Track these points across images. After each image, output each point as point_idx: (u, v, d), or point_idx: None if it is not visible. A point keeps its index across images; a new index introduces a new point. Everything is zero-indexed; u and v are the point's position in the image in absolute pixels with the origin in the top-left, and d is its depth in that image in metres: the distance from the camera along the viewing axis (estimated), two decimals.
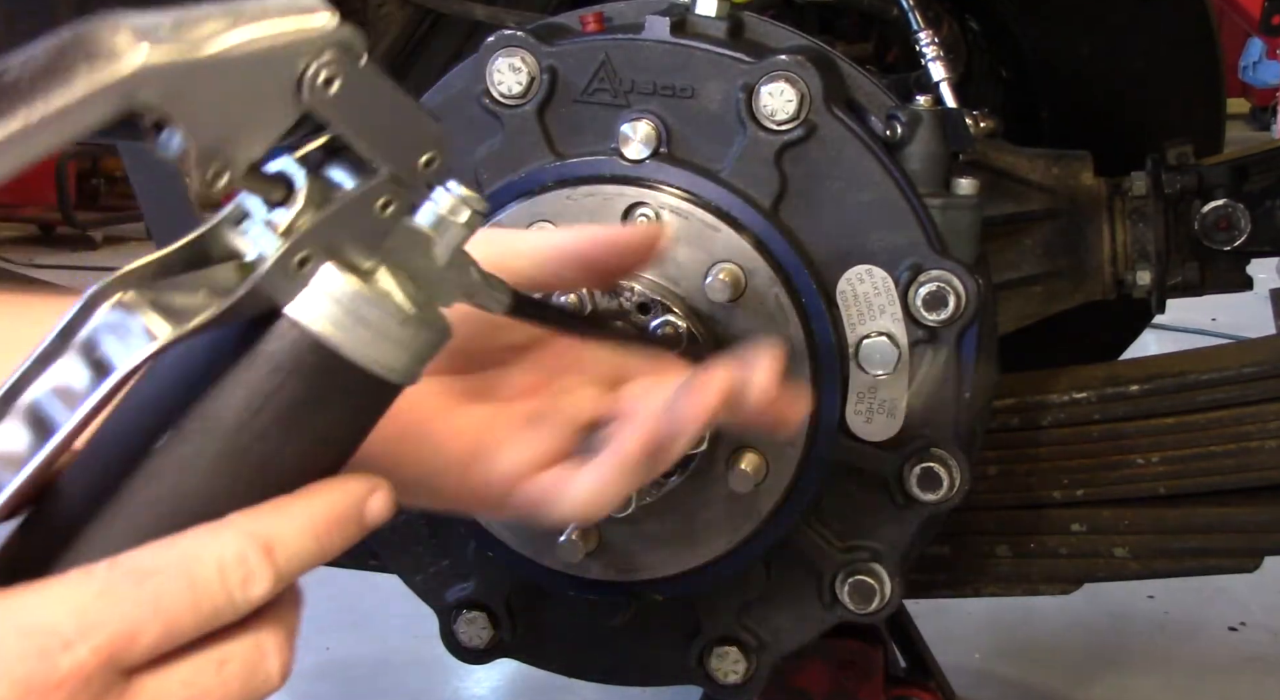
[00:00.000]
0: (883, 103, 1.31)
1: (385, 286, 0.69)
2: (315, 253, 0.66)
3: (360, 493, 0.70)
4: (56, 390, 0.64)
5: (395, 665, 2.70)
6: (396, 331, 0.68)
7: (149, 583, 0.62)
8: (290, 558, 0.66)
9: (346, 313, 0.67)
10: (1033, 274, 1.70)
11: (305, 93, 0.64)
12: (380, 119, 0.67)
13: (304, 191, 0.66)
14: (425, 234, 0.72)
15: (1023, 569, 1.64)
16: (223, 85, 0.61)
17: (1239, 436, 1.56)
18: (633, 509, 1.25)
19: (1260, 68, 8.08)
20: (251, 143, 0.64)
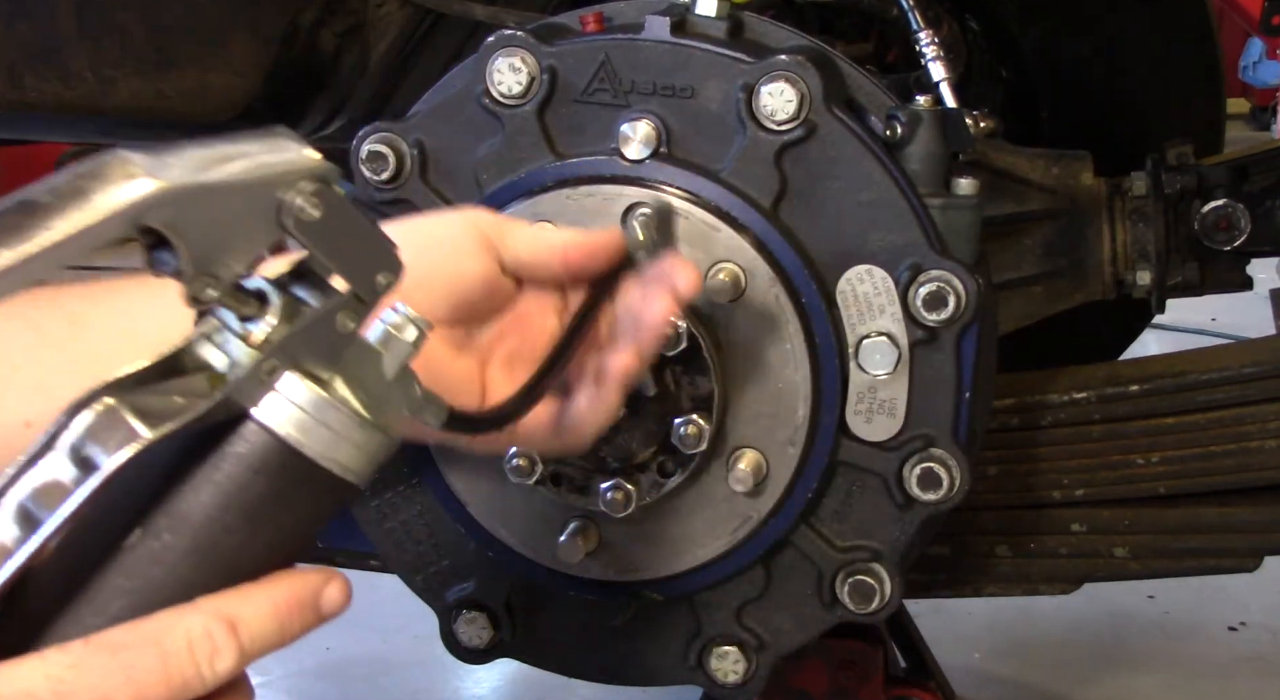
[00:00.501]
0: (883, 103, 1.31)
1: (343, 394, 0.76)
2: (281, 362, 0.73)
3: (317, 584, 0.76)
4: (44, 487, 0.69)
5: (395, 665, 2.70)
6: (355, 435, 0.75)
7: (122, 655, 0.67)
8: (254, 637, 0.71)
9: (309, 417, 0.73)
10: (1033, 274, 1.70)
11: (285, 218, 0.71)
12: (348, 242, 0.75)
13: (277, 307, 0.74)
14: (376, 350, 0.80)
15: (1023, 569, 1.64)
16: (216, 210, 0.69)
17: (1239, 436, 1.56)
18: (633, 509, 1.25)
19: (1260, 68, 8.08)
20: (236, 261, 0.72)
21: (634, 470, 1.26)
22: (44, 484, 0.69)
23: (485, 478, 1.32)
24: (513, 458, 1.26)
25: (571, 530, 1.29)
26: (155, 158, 0.67)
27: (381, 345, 0.80)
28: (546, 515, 1.31)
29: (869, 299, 1.25)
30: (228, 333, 0.74)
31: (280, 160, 0.72)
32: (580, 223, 1.25)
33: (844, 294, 1.25)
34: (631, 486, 1.25)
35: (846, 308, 1.25)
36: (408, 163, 1.31)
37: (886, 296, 1.24)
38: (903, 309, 1.24)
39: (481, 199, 1.29)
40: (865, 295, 1.25)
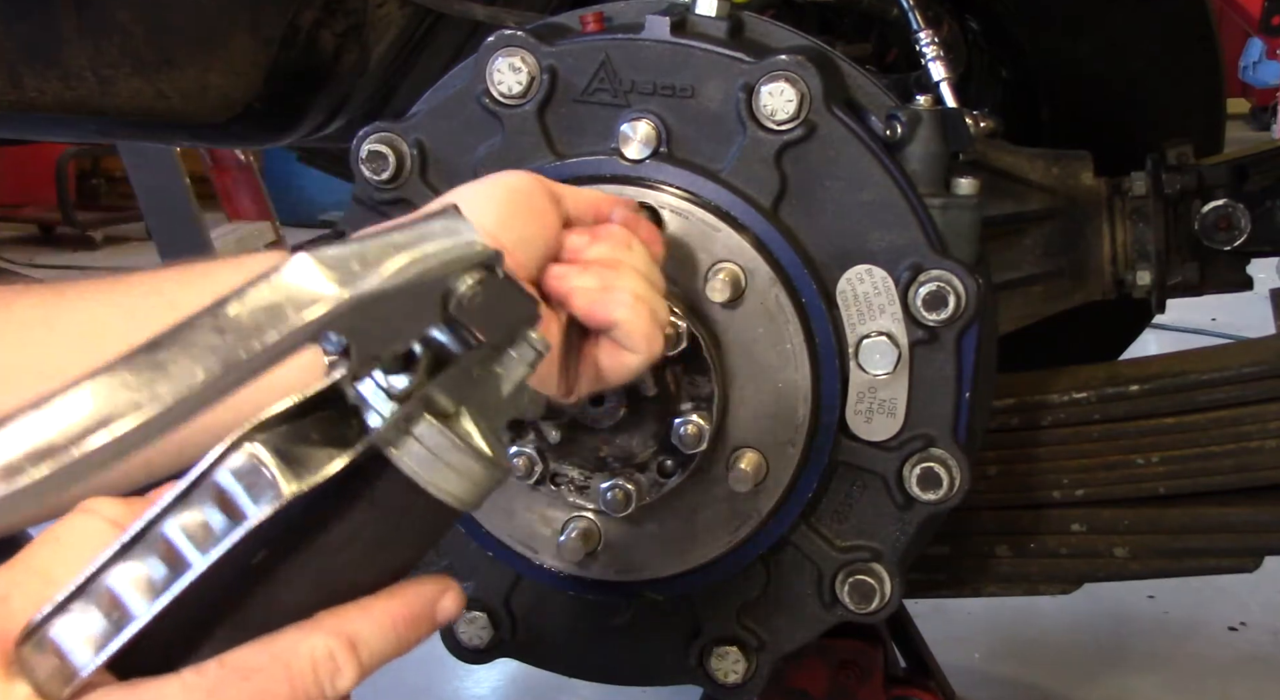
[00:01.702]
0: (883, 103, 1.31)
1: (467, 428, 0.80)
2: (418, 410, 0.77)
3: (433, 594, 0.80)
4: (189, 529, 0.73)
5: (395, 665, 2.68)
6: (476, 472, 0.79)
7: (254, 679, 0.71)
8: (373, 653, 0.76)
9: (439, 459, 0.77)
10: (1033, 274, 1.70)
11: (452, 306, 0.76)
12: (501, 312, 0.79)
13: (422, 367, 0.77)
14: (497, 373, 0.84)
15: (1023, 569, 1.64)
16: (388, 307, 0.73)
17: (1239, 436, 1.56)
18: (633, 509, 1.25)
19: (1260, 68, 8.08)
20: (399, 343, 0.76)
21: (634, 470, 1.26)
22: (191, 525, 0.72)
23: None
24: (513, 458, 1.26)
25: (571, 530, 1.29)
26: (339, 262, 0.70)
27: (501, 368, 0.84)
28: (546, 515, 1.31)
29: (869, 299, 1.25)
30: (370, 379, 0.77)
31: (450, 250, 0.75)
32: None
33: (844, 294, 1.25)
34: (631, 486, 1.25)
35: (846, 308, 1.25)
36: (408, 162, 1.31)
37: (886, 296, 1.24)
38: (903, 309, 1.24)
39: None
40: (865, 295, 1.25)
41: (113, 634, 0.72)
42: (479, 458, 0.78)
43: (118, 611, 0.72)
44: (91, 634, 0.72)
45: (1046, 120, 2.05)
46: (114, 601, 0.72)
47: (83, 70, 1.50)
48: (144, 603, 0.72)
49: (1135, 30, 1.98)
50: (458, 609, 0.81)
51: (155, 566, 0.72)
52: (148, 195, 4.57)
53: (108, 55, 1.51)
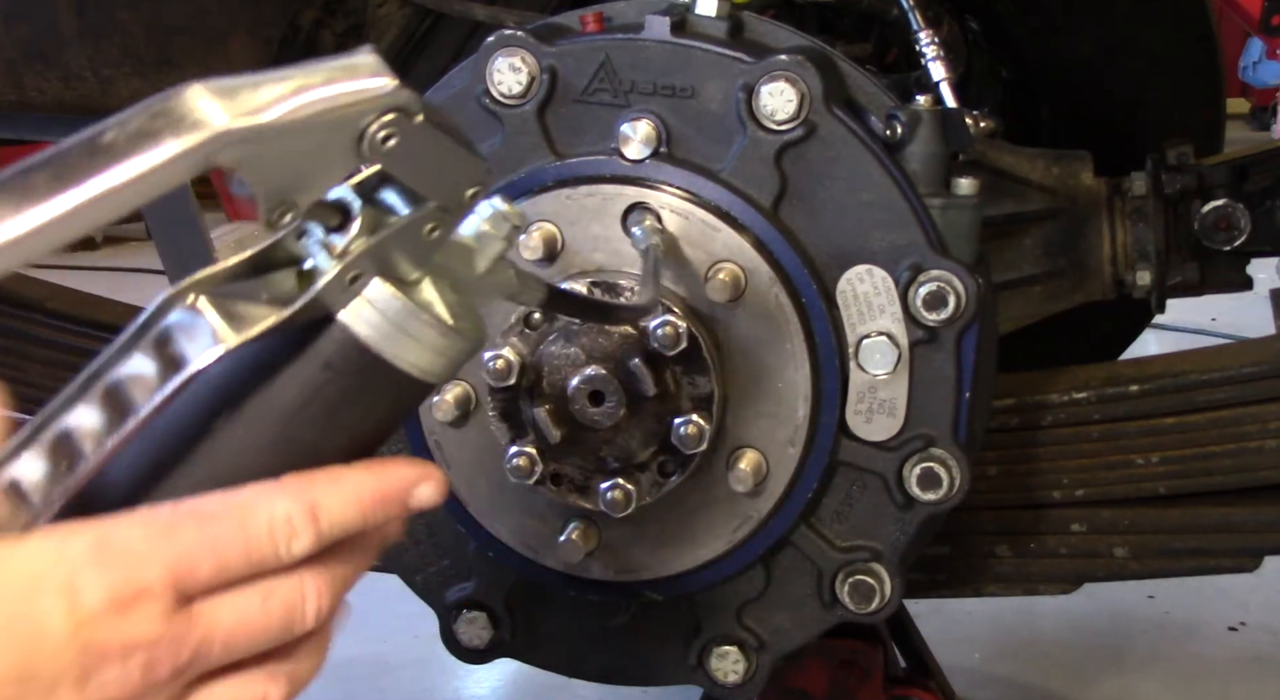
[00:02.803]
0: (883, 103, 1.31)
1: (428, 297, 0.79)
2: (366, 270, 0.76)
3: (410, 478, 0.80)
4: (132, 378, 0.74)
5: (395, 665, 2.70)
6: (435, 340, 0.78)
7: (209, 525, 0.73)
8: (333, 524, 0.76)
9: (391, 322, 0.77)
10: (1033, 274, 1.69)
11: (365, 148, 0.74)
12: (432, 163, 0.77)
13: (358, 220, 0.76)
14: (468, 246, 0.83)
15: (1023, 569, 1.64)
16: (289, 145, 0.71)
17: (1239, 436, 1.56)
18: (633, 509, 1.25)
19: (1260, 68, 8.07)
20: (313, 188, 0.74)
21: (634, 470, 1.26)
22: (131, 375, 0.74)
23: (485, 478, 1.32)
24: (513, 457, 1.26)
25: (571, 530, 1.29)
26: (228, 92, 0.68)
27: (475, 241, 0.83)
28: (546, 515, 1.31)
29: (869, 299, 1.25)
30: (313, 236, 0.77)
31: (357, 90, 0.73)
32: (580, 222, 1.25)
33: (844, 294, 1.25)
34: (631, 486, 1.25)
35: (846, 308, 1.25)
36: None
37: (886, 296, 1.24)
38: (903, 309, 1.24)
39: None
40: (865, 295, 1.25)
41: (65, 476, 0.73)
42: (435, 325, 0.78)
43: (69, 456, 0.74)
44: (44, 475, 0.74)
45: (1046, 120, 2.05)
46: (65, 446, 0.74)
47: (83, 70, 1.50)
48: (92, 447, 0.74)
49: (1135, 30, 1.98)
50: (435, 498, 0.80)
51: (101, 413, 0.74)
52: None
53: (108, 55, 1.51)
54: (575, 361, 1.22)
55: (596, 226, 1.25)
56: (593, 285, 1.22)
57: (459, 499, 1.34)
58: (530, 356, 1.24)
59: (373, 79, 0.74)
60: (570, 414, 1.23)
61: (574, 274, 1.25)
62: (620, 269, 1.25)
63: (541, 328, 1.24)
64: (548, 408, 1.23)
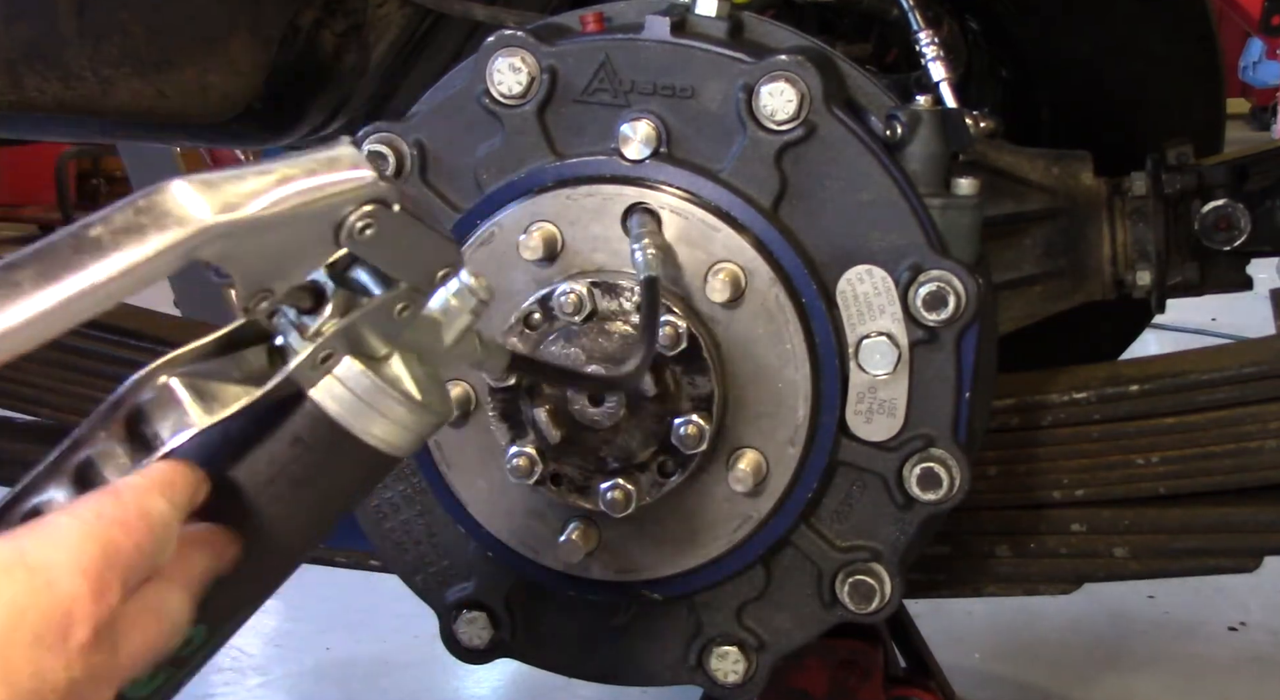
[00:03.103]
0: (883, 103, 1.31)
1: (396, 372, 0.81)
2: (337, 349, 0.78)
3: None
4: (105, 458, 0.76)
5: (395, 665, 2.70)
6: (402, 416, 0.80)
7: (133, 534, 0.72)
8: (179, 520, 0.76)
9: (360, 399, 0.79)
10: (1033, 274, 1.70)
11: (343, 237, 0.75)
12: (406, 247, 0.79)
13: (331, 304, 0.78)
14: (436, 320, 0.85)
15: (1023, 569, 1.64)
16: (270, 237, 0.73)
17: (1239, 436, 1.56)
18: (633, 509, 1.25)
19: (1260, 68, 8.08)
20: (291, 275, 0.76)
21: (634, 470, 1.26)
22: (103, 454, 0.75)
23: (485, 478, 1.32)
24: (513, 457, 1.26)
25: (571, 530, 1.29)
26: (211, 187, 0.70)
27: (442, 315, 0.85)
28: (546, 515, 1.31)
29: (869, 299, 1.25)
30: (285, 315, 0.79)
31: (336, 183, 0.75)
32: (580, 222, 1.25)
33: (844, 294, 1.25)
34: (631, 486, 1.25)
35: (846, 308, 1.25)
36: (408, 162, 1.31)
37: (886, 296, 1.24)
38: (903, 309, 1.24)
39: (481, 199, 1.29)
40: (865, 295, 1.25)
41: None
42: (403, 401, 0.80)
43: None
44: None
45: (1046, 120, 2.05)
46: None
47: (83, 70, 1.50)
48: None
49: (1135, 30, 1.98)
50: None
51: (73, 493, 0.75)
52: None
53: (108, 55, 1.51)
54: (575, 362, 1.22)
55: (596, 226, 1.25)
56: (593, 285, 1.22)
57: (459, 500, 1.34)
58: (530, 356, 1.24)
59: (352, 172, 0.75)
60: (570, 414, 1.23)
61: (574, 274, 1.25)
62: (620, 269, 1.25)
63: (542, 328, 1.24)
64: (548, 408, 1.23)
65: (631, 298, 1.22)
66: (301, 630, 2.84)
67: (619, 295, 1.23)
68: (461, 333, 0.87)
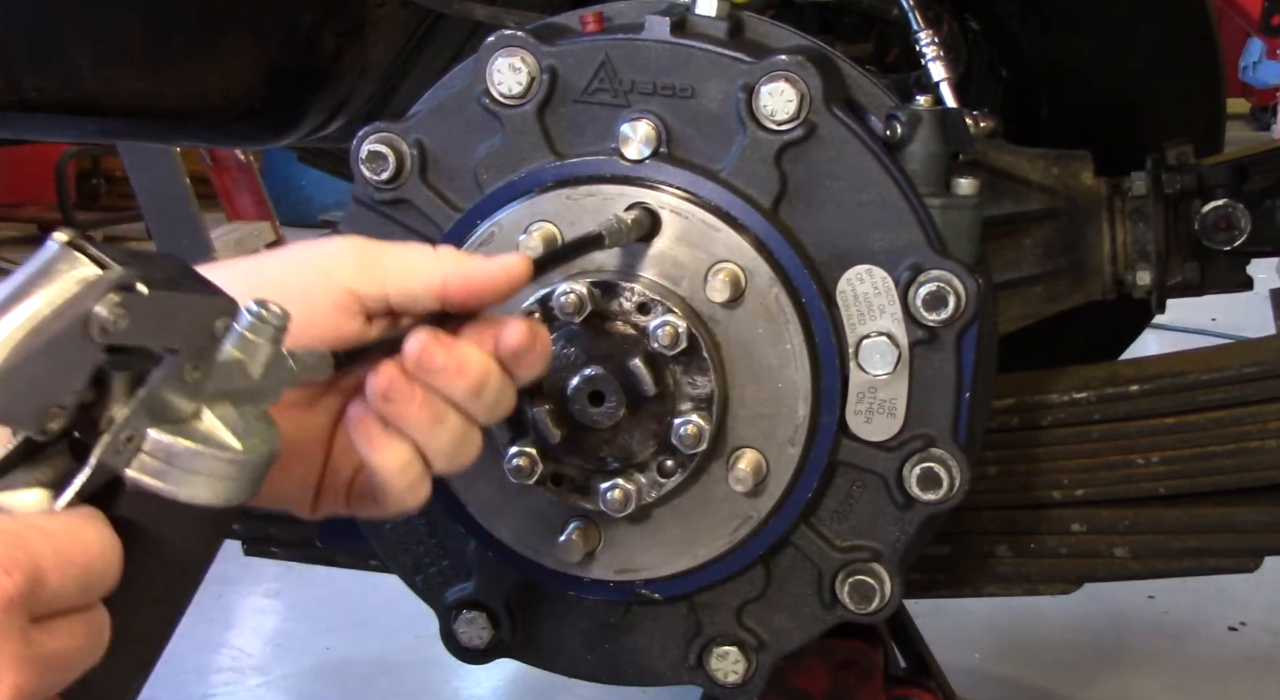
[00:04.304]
0: (883, 103, 1.31)
1: (209, 426, 0.80)
2: (137, 428, 0.76)
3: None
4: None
5: (395, 665, 2.70)
6: (225, 470, 0.79)
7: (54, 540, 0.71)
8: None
9: (175, 467, 0.77)
10: (1033, 274, 1.70)
11: (99, 337, 0.72)
12: (171, 319, 0.77)
13: (115, 388, 0.76)
14: (238, 360, 0.83)
15: (1023, 569, 1.64)
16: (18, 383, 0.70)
17: (1239, 436, 1.56)
18: (633, 509, 1.25)
19: (1260, 68, 8.08)
20: (69, 390, 0.73)
21: (634, 470, 1.26)
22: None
23: (485, 478, 1.32)
24: (513, 458, 1.26)
25: (571, 530, 1.29)
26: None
27: (241, 352, 0.82)
28: (546, 515, 1.31)
29: (869, 299, 1.25)
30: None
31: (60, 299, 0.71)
32: (580, 222, 1.25)
33: (844, 294, 1.25)
34: (631, 486, 1.25)
35: (846, 308, 1.25)
36: (408, 163, 1.31)
37: (886, 296, 1.24)
38: (903, 309, 1.24)
39: (481, 199, 1.29)
40: (865, 295, 1.25)
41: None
42: (219, 455, 0.79)
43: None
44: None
45: (1046, 120, 2.05)
46: None
47: (83, 70, 1.50)
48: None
49: (1135, 30, 1.98)
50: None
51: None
52: (148, 195, 4.57)
53: (108, 55, 1.51)
54: (575, 361, 1.22)
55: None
56: (593, 285, 1.22)
57: (459, 500, 1.34)
58: None
59: (74, 276, 0.72)
60: (570, 414, 1.23)
61: (574, 274, 1.25)
62: (620, 269, 1.25)
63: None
64: (548, 408, 1.23)
65: (631, 298, 1.22)
66: (301, 630, 2.84)
67: (619, 295, 1.23)
68: (268, 362, 0.84)
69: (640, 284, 1.22)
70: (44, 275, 0.72)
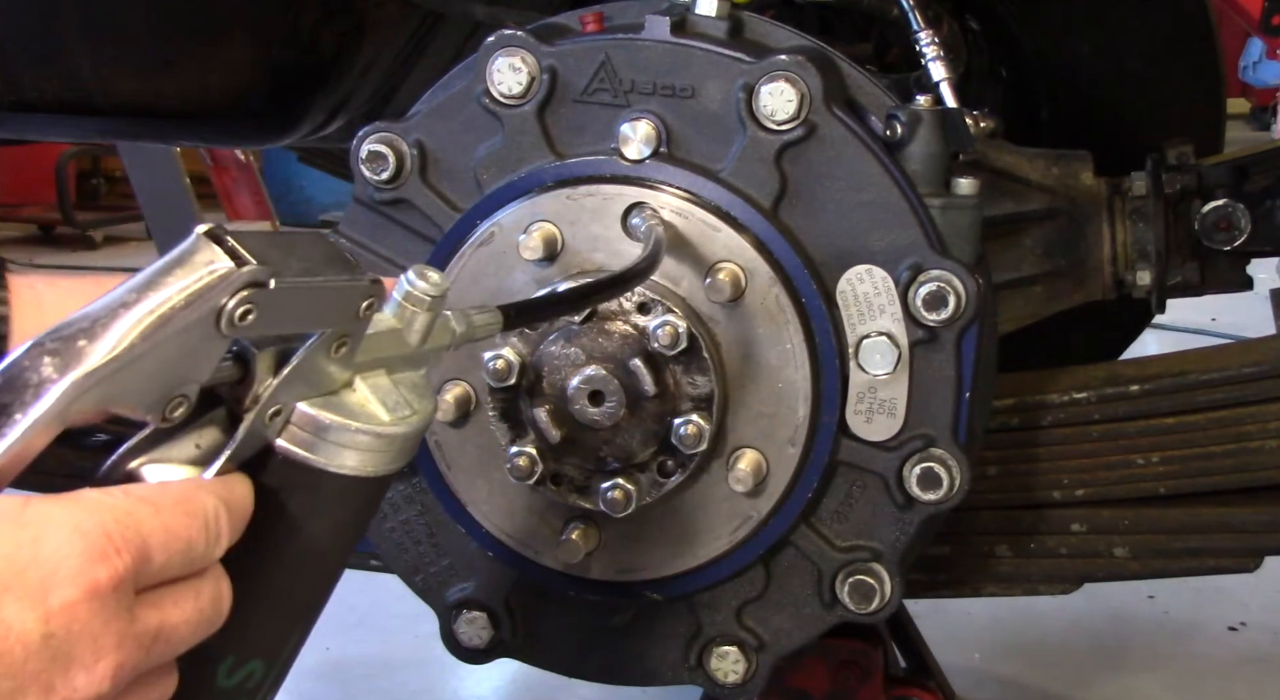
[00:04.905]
0: (883, 103, 1.31)
1: (361, 397, 0.81)
2: (285, 401, 0.78)
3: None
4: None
5: (395, 665, 2.70)
6: (372, 442, 0.80)
7: (163, 514, 0.72)
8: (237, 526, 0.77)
9: (323, 439, 0.79)
10: (1033, 274, 1.70)
11: (227, 331, 0.73)
12: (307, 306, 0.77)
13: (257, 372, 0.77)
14: (395, 328, 0.84)
15: (1023, 569, 1.64)
16: (146, 365, 0.71)
17: (1239, 436, 1.56)
18: (633, 509, 1.25)
19: (1260, 68, 8.08)
20: (195, 377, 0.74)
21: (634, 470, 1.26)
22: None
23: (485, 478, 1.32)
24: (513, 457, 1.26)
25: (571, 530, 1.29)
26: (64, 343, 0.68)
27: (398, 320, 0.84)
28: (546, 515, 1.31)
29: (869, 299, 1.25)
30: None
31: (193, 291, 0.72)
32: (580, 222, 1.25)
33: (844, 294, 1.25)
34: (631, 486, 1.25)
35: (846, 308, 1.25)
36: (408, 162, 1.31)
37: (886, 296, 1.24)
38: (903, 309, 1.24)
39: (481, 199, 1.29)
40: (865, 295, 1.25)
41: None
42: (367, 428, 0.80)
43: None
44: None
45: (1046, 120, 2.05)
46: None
47: (83, 70, 1.50)
48: None
49: (1135, 30, 1.98)
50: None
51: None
52: (148, 195, 4.58)
53: (108, 55, 1.51)
54: (575, 361, 1.22)
55: (596, 226, 1.25)
56: None
57: (459, 500, 1.34)
58: (530, 356, 1.24)
59: (207, 269, 0.72)
60: (570, 414, 1.23)
61: (574, 274, 1.25)
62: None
63: (541, 328, 1.24)
64: (548, 408, 1.23)
65: (631, 298, 1.22)
66: None
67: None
68: (425, 330, 0.85)
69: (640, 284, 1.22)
70: (179, 265, 0.73)
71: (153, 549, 0.70)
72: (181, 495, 0.73)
